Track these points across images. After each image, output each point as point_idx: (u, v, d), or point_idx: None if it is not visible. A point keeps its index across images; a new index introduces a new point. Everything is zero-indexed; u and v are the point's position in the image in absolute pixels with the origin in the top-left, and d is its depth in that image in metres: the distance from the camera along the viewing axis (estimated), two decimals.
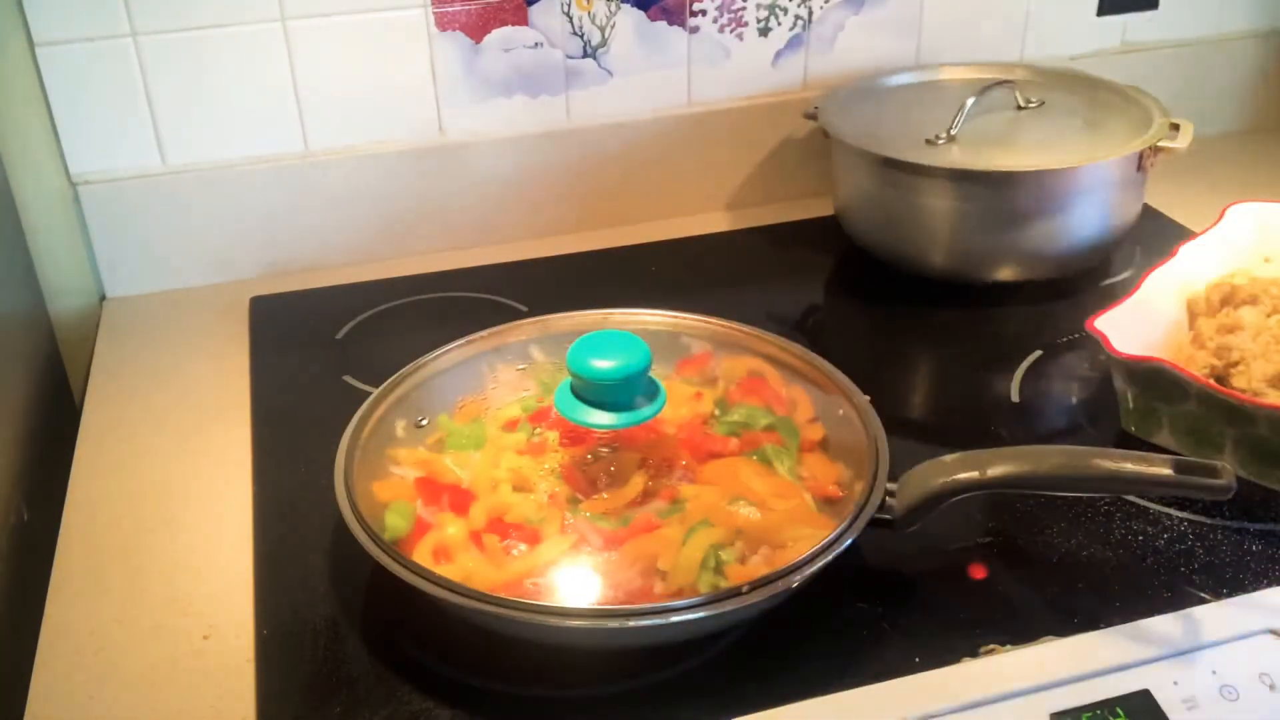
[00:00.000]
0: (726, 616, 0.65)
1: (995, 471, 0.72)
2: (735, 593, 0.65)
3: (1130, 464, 0.71)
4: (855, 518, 0.70)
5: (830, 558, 0.67)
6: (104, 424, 0.96)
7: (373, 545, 0.68)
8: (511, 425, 0.82)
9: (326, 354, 1.03)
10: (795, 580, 0.66)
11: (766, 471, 0.78)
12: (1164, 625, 0.71)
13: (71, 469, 0.91)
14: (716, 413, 0.84)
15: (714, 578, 0.70)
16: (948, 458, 0.74)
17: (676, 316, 0.92)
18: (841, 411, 0.82)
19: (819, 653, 0.71)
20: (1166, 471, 0.69)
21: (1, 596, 0.83)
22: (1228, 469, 0.68)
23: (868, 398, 0.82)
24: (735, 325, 0.90)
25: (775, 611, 0.66)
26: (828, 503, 0.77)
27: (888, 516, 0.73)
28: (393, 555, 0.68)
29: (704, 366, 0.89)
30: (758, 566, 0.71)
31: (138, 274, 1.14)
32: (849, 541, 0.69)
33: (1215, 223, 1.00)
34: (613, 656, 0.71)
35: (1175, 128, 1.08)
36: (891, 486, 0.74)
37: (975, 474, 0.72)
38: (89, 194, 1.10)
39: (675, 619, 0.64)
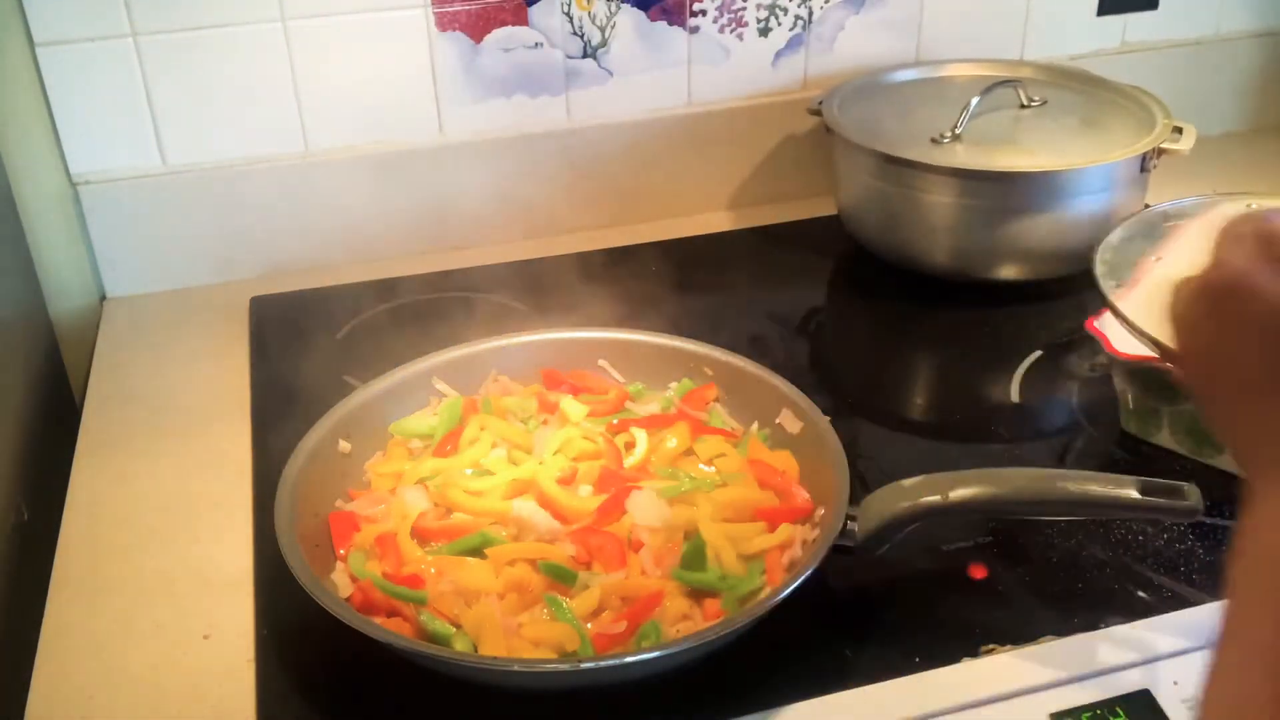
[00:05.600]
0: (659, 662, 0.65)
1: (958, 495, 0.71)
2: (672, 644, 0.66)
3: (1096, 486, 0.70)
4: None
5: (778, 599, 0.66)
6: (104, 424, 0.96)
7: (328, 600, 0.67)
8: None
9: (326, 354, 1.03)
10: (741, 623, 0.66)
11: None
12: (1164, 625, 0.71)
13: (71, 469, 0.91)
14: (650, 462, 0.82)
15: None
16: (909, 481, 0.72)
17: (619, 334, 0.92)
18: (801, 432, 0.82)
19: (819, 653, 0.71)
20: (1133, 494, 0.69)
21: (1, 596, 0.83)
22: (1194, 490, 0.68)
23: (827, 418, 0.80)
24: (689, 342, 0.90)
25: (773, 614, 0.66)
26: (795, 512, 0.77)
27: (848, 544, 0.71)
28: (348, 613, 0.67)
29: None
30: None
31: (138, 274, 1.14)
32: (796, 584, 0.66)
33: (1209, 219, 1.00)
34: None
35: (1178, 130, 1.08)
36: (853, 511, 0.72)
37: (938, 498, 0.71)
38: (89, 194, 1.10)
39: (631, 659, 0.64)
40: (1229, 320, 0.48)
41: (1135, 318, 0.85)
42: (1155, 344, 0.82)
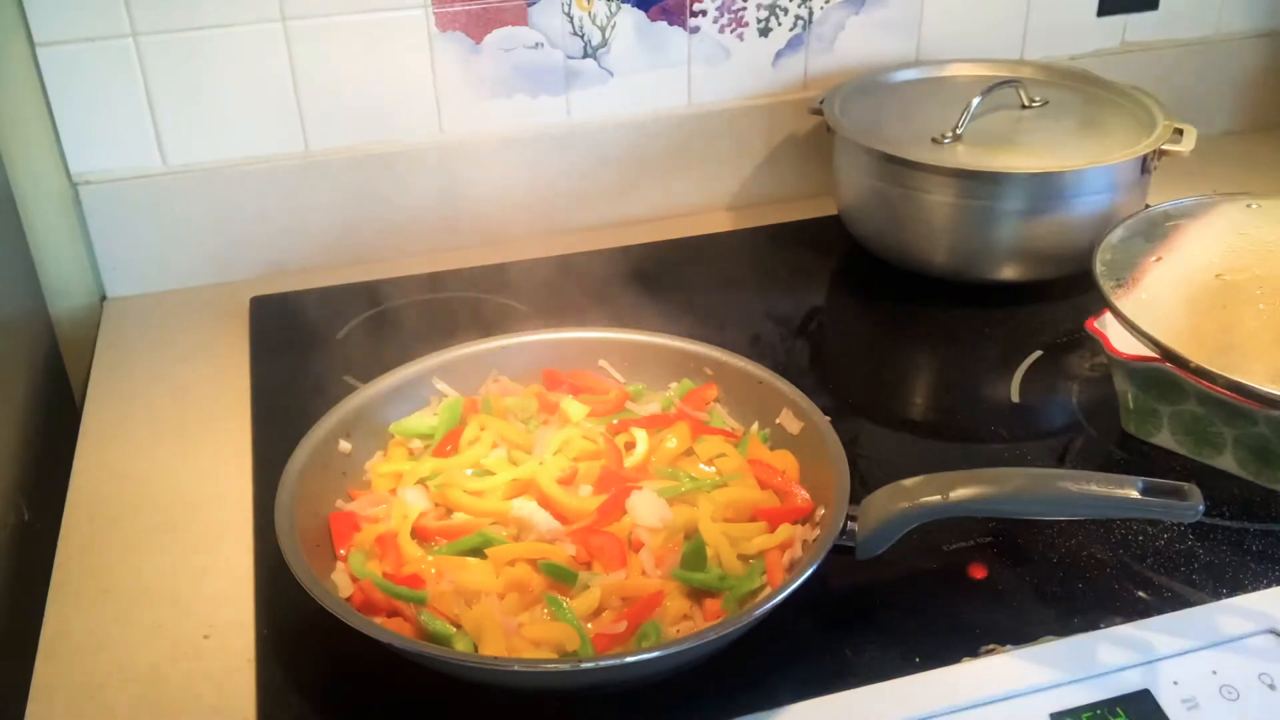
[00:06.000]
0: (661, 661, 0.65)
1: (959, 494, 0.70)
2: (667, 645, 0.65)
3: (1096, 485, 0.69)
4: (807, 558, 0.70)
5: (779, 599, 0.66)
6: (104, 424, 0.96)
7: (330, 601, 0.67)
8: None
9: (326, 354, 1.03)
10: (738, 626, 0.65)
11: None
12: (1164, 625, 0.71)
13: (71, 469, 0.91)
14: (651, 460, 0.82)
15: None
16: (909, 481, 0.72)
17: (619, 334, 0.91)
18: (801, 432, 0.82)
19: (819, 654, 0.71)
20: (1133, 494, 0.68)
21: (1, 596, 0.83)
22: (1195, 490, 0.68)
23: (828, 418, 0.80)
24: (689, 342, 0.90)
25: (773, 614, 0.66)
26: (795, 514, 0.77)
27: (848, 544, 0.71)
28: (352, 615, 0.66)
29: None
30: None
31: (138, 274, 1.14)
32: (797, 584, 0.66)
33: (1209, 219, 1.00)
34: None
35: (1179, 132, 1.08)
36: (853, 511, 0.72)
37: (938, 498, 0.70)
38: (89, 194, 1.10)
39: (631, 660, 0.64)
40: None
41: (1135, 318, 0.85)
42: (1155, 344, 0.82)
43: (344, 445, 0.82)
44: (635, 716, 0.67)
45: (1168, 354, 0.82)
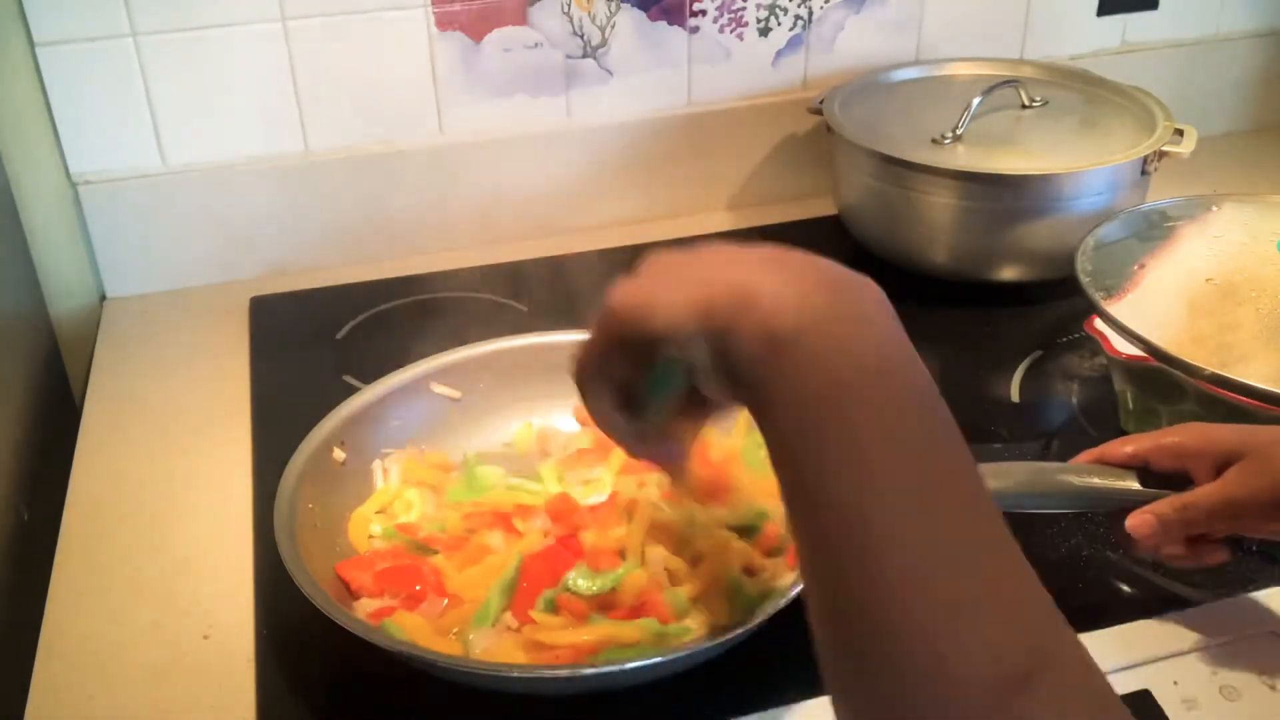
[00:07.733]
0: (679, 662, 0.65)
1: None
2: (684, 648, 0.65)
3: (1097, 479, 0.70)
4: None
5: (783, 603, 0.66)
6: (104, 424, 0.96)
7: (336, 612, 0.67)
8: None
9: (326, 354, 1.03)
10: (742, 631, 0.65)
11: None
12: (1164, 625, 0.71)
13: (71, 469, 0.91)
14: None
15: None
16: None
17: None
18: None
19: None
20: (1134, 485, 0.69)
21: (1, 596, 0.83)
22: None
23: None
24: None
25: (777, 614, 0.66)
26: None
27: None
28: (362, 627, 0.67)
29: None
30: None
31: (138, 274, 1.14)
32: (801, 586, 0.67)
33: (1210, 221, 1.00)
34: None
35: (1179, 133, 1.08)
36: None
37: None
38: (89, 194, 1.10)
39: (630, 666, 0.65)
40: None
41: (1129, 320, 0.85)
42: (1145, 344, 0.82)
43: (338, 454, 0.81)
44: (636, 716, 0.67)
45: (1156, 353, 0.82)
